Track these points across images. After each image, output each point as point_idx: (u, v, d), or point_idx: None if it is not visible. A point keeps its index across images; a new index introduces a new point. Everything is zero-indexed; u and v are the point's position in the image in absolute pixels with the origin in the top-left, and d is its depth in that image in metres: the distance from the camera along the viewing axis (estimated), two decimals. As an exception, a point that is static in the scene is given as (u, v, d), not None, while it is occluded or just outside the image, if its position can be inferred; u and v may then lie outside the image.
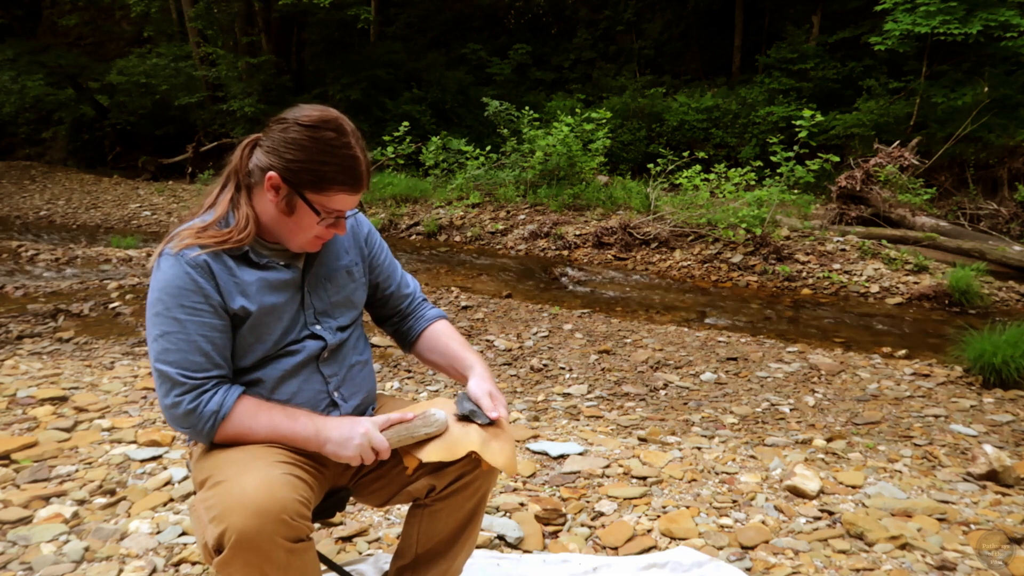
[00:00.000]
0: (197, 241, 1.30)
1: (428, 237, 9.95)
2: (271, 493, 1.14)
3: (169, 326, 1.27)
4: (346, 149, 1.30)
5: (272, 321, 1.36)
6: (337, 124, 1.30)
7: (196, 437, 1.31)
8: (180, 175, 16.44)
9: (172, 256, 1.29)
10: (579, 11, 20.18)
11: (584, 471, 2.62)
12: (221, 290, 1.31)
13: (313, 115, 1.30)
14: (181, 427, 1.29)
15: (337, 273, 1.48)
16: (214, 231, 1.32)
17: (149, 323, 1.30)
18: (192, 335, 1.27)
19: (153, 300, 1.29)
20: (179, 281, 1.28)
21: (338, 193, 1.32)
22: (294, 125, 1.30)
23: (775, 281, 7.19)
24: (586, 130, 10.42)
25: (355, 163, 1.31)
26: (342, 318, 1.48)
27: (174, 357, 1.26)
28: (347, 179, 1.31)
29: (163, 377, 1.27)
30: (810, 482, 2.50)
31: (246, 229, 1.33)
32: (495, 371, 4.30)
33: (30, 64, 17.09)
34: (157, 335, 1.28)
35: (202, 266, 1.29)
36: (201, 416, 1.26)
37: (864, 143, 11.86)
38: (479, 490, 1.47)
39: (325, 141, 1.28)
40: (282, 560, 1.14)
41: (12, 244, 8.16)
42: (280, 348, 1.38)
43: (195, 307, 1.28)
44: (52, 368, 3.78)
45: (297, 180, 1.30)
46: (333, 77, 16.34)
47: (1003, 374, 3.98)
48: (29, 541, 1.99)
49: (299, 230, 1.35)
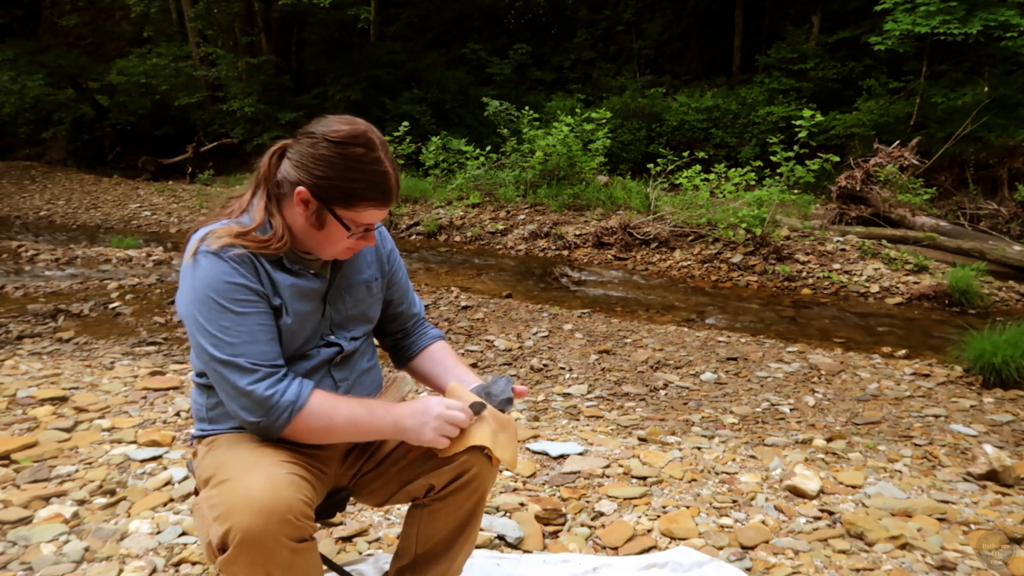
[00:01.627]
0: (238, 242, 1.29)
1: (428, 237, 9.96)
2: (276, 492, 1.14)
3: (227, 320, 1.25)
4: (375, 165, 1.28)
5: (299, 328, 1.37)
6: (366, 139, 1.28)
7: (267, 429, 1.28)
8: (180, 175, 16.44)
9: (213, 254, 1.27)
10: (579, 11, 20.19)
11: (584, 471, 2.62)
12: (263, 285, 1.31)
13: (342, 131, 1.27)
14: (254, 416, 1.26)
15: (357, 287, 1.48)
16: (255, 236, 1.31)
17: (202, 320, 1.26)
18: (253, 326, 1.27)
19: (202, 298, 1.26)
20: (228, 277, 1.27)
21: (368, 208, 1.31)
22: (323, 141, 1.27)
23: (775, 281, 7.19)
24: (586, 130, 10.42)
25: (385, 179, 1.30)
26: (356, 330, 1.50)
27: (242, 349, 1.25)
28: (377, 195, 1.30)
29: (233, 368, 1.25)
30: (810, 482, 2.50)
31: (283, 238, 1.33)
32: (495, 371, 4.30)
33: (30, 64, 17.09)
34: (215, 331, 1.25)
35: (247, 262, 1.29)
36: (278, 405, 1.25)
37: (864, 143, 11.86)
38: (478, 490, 1.47)
39: (354, 158, 1.27)
40: (286, 560, 1.15)
41: (12, 244, 8.17)
42: (298, 352, 1.39)
43: (249, 300, 1.28)
44: (52, 368, 3.78)
45: (327, 196, 1.29)
46: (333, 77, 16.34)
47: (1003, 374, 3.98)
48: (29, 541, 1.99)
49: (329, 243, 1.35)
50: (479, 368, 4.35)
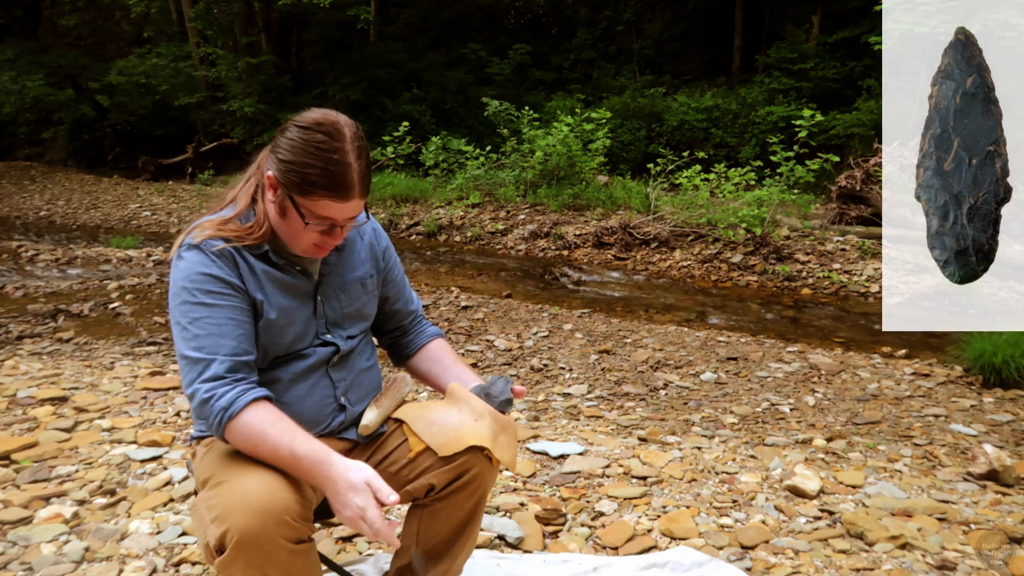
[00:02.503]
0: (219, 233, 1.29)
1: (428, 237, 9.96)
2: (274, 494, 1.14)
3: (198, 312, 1.25)
4: (335, 154, 1.21)
5: (285, 324, 1.35)
6: (334, 128, 1.23)
7: (210, 431, 1.26)
8: (180, 175, 16.44)
9: (194, 246, 1.28)
10: (579, 11, 20.19)
11: (584, 471, 2.62)
12: (243, 279, 1.30)
13: (311, 116, 1.24)
14: (195, 415, 1.26)
15: (351, 284, 1.47)
16: (235, 225, 1.31)
17: (175, 312, 1.27)
18: (221, 319, 1.26)
19: (177, 289, 1.27)
20: (204, 268, 1.27)
21: (323, 199, 1.24)
22: (292, 125, 1.26)
23: (775, 281, 7.19)
24: (586, 130, 10.42)
25: (342, 169, 1.22)
26: (352, 328, 1.49)
27: (205, 342, 1.24)
28: (331, 185, 1.22)
29: (191, 362, 1.24)
30: (810, 482, 2.50)
31: (264, 226, 1.32)
32: (495, 371, 4.30)
33: (30, 64, 17.08)
34: (186, 323, 1.25)
35: (226, 256, 1.29)
36: (212, 409, 1.22)
37: (864, 143, 11.85)
38: (478, 490, 1.47)
39: (314, 143, 1.22)
40: (283, 561, 1.15)
41: (12, 244, 8.16)
42: (292, 352, 1.39)
43: (222, 292, 1.27)
44: (52, 368, 3.78)
45: (286, 181, 1.25)
46: (333, 77, 16.33)
47: (1003, 374, 3.98)
48: (29, 541, 1.99)
49: (293, 234, 1.32)
50: (479, 368, 4.35)
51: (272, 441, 1.19)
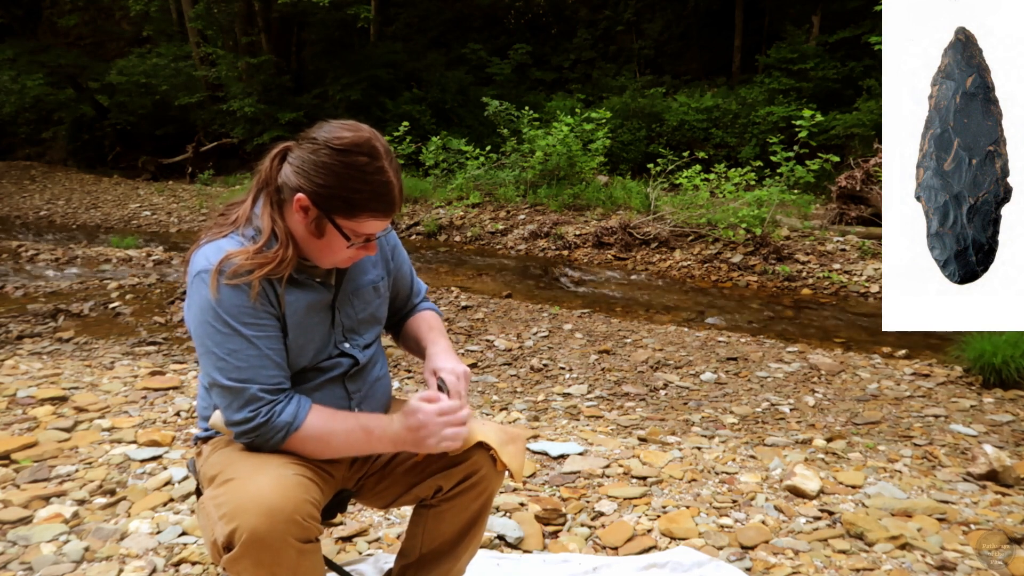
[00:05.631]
0: (251, 264, 1.26)
1: (428, 237, 9.96)
2: (284, 493, 1.14)
3: (237, 344, 1.24)
4: (379, 175, 1.24)
5: (306, 340, 1.35)
6: (370, 147, 1.23)
7: (260, 447, 1.28)
8: (180, 175, 16.46)
9: (230, 286, 1.24)
10: (579, 11, 20.20)
11: (584, 471, 2.62)
12: (276, 307, 1.30)
13: (346, 138, 1.23)
14: (247, 438, 1.27)
15: (364, 289, 1.46)
16: (267, 256, 1.28)
17: (207, 340, 1.25)
18: (264, 350, 1.26)
19: (210, 318, 1.24)
20: (240, 300, 1.25)
21: (369, 219, 1.27)
22: (325, 147, 1.23)
23: (775, 281, 7.19)
24: (586, 130, 10.42)
25: (388, 189, 1.26)
26: (367, 334, 1.48)
27: (249, 374, 1.24)
28: (379, 205, 1.26)
29: (236, 393, 1.24)
30: (810, 482, 2.50)
31: (290, 249, 1.30)
32: (495, 371, 4.30)
33: (30, 64, 17.11)
34: (224, 354, 1.24)
35: (263, 288, 1.27)
36: (274, 426, 1.25)
37: (864, 143, 11.85)
38: (485, 491, 1.47)
39: (357, 167, 1.22)
40: (292, 560, 1.15)
41: (12, 244, 8.17)
42: (311, 364, 1.38)
43: (260, 323, 1.26)
44: (52, 368, 3.78)
45: (327, 205, 1.24)
46: (333, 77, 16.34)
47: (1003, 374, 3.98)
48: (29, 541, 1.99)
49: (329, 252, 1.32)
50: (479, 368, 4.35)
51: (342, 431, 1.29)
